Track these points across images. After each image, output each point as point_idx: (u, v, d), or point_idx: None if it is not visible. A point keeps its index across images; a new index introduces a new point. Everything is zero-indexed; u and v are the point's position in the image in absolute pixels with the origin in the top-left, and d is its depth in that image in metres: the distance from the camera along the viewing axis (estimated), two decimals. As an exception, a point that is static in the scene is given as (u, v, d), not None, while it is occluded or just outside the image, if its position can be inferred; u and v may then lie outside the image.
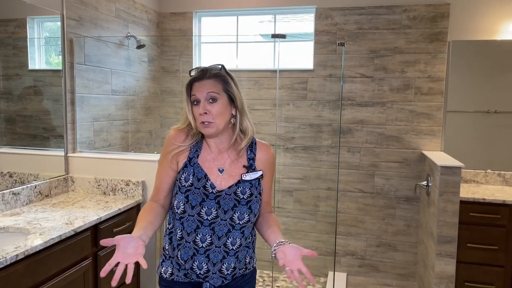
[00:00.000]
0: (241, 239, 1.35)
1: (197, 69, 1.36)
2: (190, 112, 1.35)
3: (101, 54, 2.88)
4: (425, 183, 2.98)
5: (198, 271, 1.34)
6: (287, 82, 3.44)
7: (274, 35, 2.85)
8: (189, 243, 1.33)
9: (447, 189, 2.59)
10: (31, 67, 2.36)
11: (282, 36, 2.74)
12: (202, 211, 1.32)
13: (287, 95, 3.46)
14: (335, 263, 3.36)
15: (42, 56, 2.44)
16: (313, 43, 3.38)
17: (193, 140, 1.38)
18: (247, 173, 1.37)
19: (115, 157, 2.65)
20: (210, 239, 1.32)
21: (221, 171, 1.36)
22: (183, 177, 1.34)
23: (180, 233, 1.35)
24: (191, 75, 1.36)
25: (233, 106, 1.35)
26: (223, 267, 1.34)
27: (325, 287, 3.34)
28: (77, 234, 1.94)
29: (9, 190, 2.16)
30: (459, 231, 2.66)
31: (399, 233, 3.35)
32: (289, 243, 1.25)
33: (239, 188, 1.34)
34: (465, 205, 2.72)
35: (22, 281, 1.62)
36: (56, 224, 1.94)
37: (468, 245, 2.76)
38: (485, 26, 3.10)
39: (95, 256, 2.11)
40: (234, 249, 1.34)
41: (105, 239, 1.14)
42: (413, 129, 3.25)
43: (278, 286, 3.35)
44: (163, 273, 1.41)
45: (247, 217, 1.34)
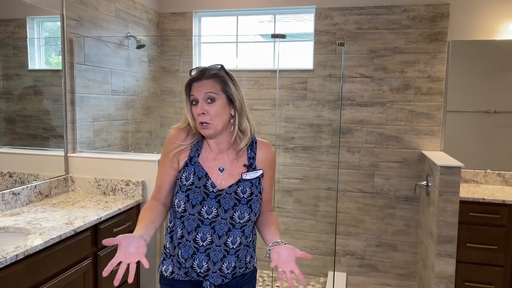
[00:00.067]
0: (241, 238, 1.35)
1: (197, 69, 1.36)
2: (189, 112, 1.35)
3: (101, 54, 2.88)
4: (424, 183, 2.99)
5: (198, 270, 1.34)
6: (287, 82, 3.45)
7: (274, 35, 2.85)
8: (190, 241, 1.33)
9: (446, 189, 2.60)
10: (31, 67, 2.36)
11: (282, 36, 2.75)
12: (202, 210, 1.32)
13: (287, 95, 3.46)
14: (335, 263, 3.36)
15: (42, 56, 2.44)
16: (313, 43, 3.38)
17: (194, 139, 1.39)
18: (248, 172, 1.37)
19: (115, 157, 2.65)
20: (210, 238, 1.32)
21: (222, 170, 1.36)
22: (184, 176, 1.35)
23: (180, 232, 1.35)
24: (191, 75, 1.36)
25: (232, 106, 1.35)
26: (223, 266, 1.34)
27: (325, 287, 3.34)
28: (77, 234, 1.94)
29: (9, 190, 2.16)
30: (459, 231, 2.67)
31: (399, 233, 3.35)
32: (284, 244, 1.25)
33: (240, 187, 1.34)
34: (464, 205, 2.72)
35: (22, 281, 1.62)
36: (56, 224, 1.94)
37: (467, 245, 2.76)
38: (484, 26, 3.10)
39: (95, 256, 2.11)
40: (234, 248, 1.34)
41: (107, 238, 1.14)
42: (413, 129, 3.26)
43: (278, 286, 3.35)
44: (163, 271, 1.41)
45: (248, 216, 1.34)
